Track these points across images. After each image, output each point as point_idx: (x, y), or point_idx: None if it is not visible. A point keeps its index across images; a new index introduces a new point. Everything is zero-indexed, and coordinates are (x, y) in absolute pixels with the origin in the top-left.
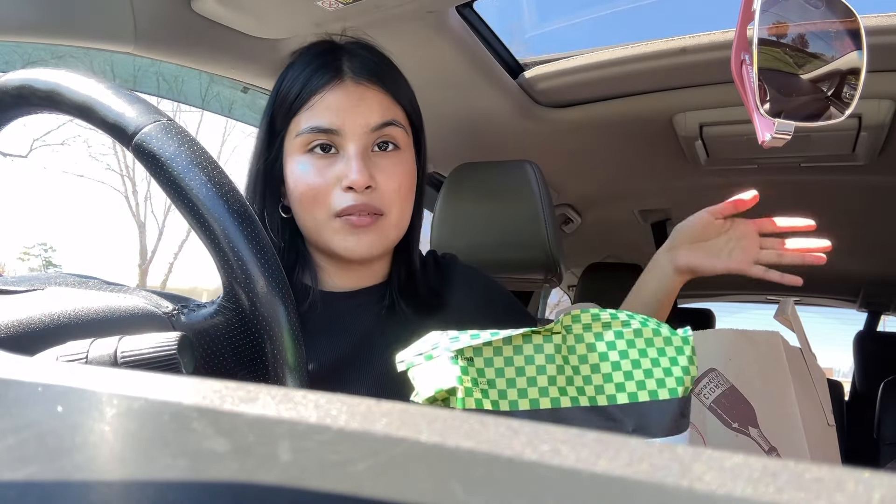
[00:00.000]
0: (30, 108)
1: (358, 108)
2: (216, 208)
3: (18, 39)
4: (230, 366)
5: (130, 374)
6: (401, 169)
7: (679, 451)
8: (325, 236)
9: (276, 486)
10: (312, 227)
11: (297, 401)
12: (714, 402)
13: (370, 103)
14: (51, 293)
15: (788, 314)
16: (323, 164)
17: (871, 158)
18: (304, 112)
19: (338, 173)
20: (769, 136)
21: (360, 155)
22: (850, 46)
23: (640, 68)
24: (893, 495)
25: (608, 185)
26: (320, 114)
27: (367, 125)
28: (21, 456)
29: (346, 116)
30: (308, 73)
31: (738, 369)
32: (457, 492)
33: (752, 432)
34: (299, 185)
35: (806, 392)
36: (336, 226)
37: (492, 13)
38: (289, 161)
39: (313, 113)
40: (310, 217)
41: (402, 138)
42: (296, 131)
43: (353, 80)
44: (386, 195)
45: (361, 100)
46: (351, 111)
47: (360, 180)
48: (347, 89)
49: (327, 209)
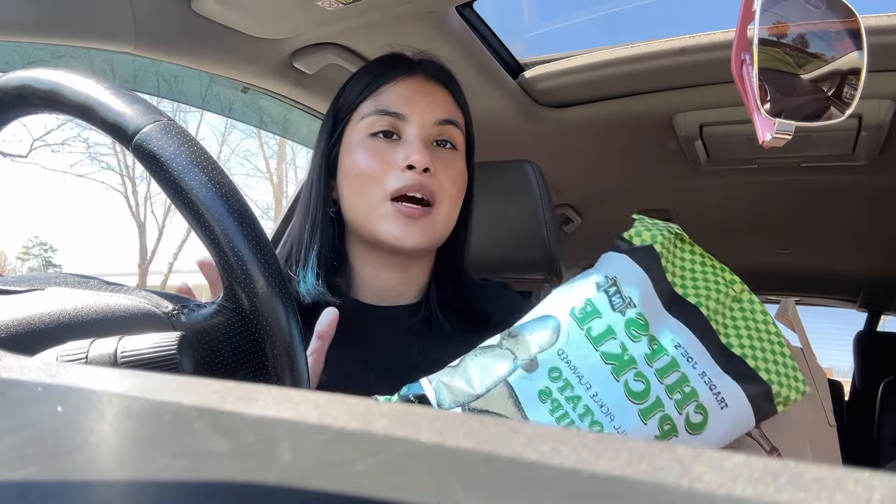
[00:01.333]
0: (30, 108)
1: (426, 99)
2: (216, 208)
3: (18, 39)
4: (230, 366)
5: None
6: (456, 166)
7: (679, 451)
8: (373, 220)
9: (276, 486)
10: (362, 211)
11: (297, 401)
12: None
13: (437, 98)
14: (51, 293)
15: (789, 314)
16: (384, 146)
17: (871, 158)
18: (373, 98)
19: (397, 157)
20: (769, 135)
21: (423, 140)
22: (851, 46)
23: (640, 68)
24: (893, 495)
25: (608, 185)
26: (389, 99)
27: (432, 117)
28: (21, 456)
29: (413, 105)
30: (379, 68)
31: None
32: (457, 492)
33: (754, 432)
34: (357, 165)
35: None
36: (387, 209)
37: (492, 13)
38: (349, 146)
39: (382, 98)
40: (361, 200)
41: (459, 140)
42: (360, 116)
43: (423, 75)
44: (442, 184)
45: (430, 94)
46: (419, 101)
47: (422, 159)
48: (418, 82)
49: (382, 190)
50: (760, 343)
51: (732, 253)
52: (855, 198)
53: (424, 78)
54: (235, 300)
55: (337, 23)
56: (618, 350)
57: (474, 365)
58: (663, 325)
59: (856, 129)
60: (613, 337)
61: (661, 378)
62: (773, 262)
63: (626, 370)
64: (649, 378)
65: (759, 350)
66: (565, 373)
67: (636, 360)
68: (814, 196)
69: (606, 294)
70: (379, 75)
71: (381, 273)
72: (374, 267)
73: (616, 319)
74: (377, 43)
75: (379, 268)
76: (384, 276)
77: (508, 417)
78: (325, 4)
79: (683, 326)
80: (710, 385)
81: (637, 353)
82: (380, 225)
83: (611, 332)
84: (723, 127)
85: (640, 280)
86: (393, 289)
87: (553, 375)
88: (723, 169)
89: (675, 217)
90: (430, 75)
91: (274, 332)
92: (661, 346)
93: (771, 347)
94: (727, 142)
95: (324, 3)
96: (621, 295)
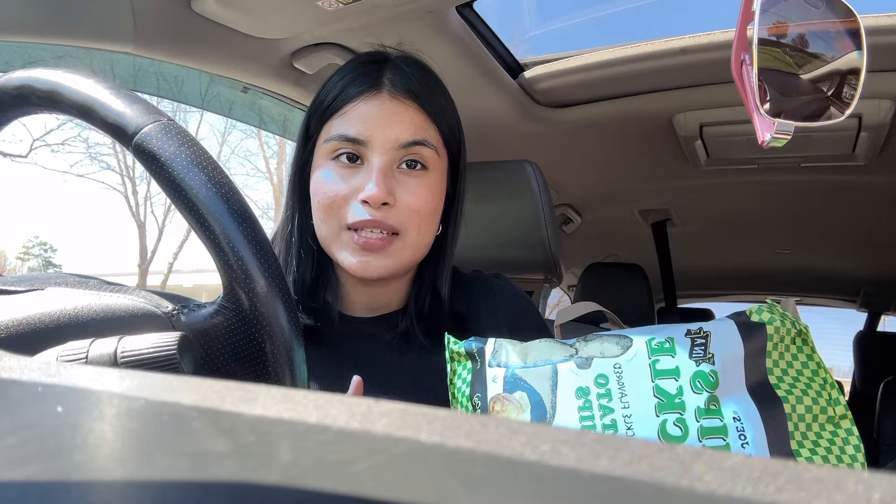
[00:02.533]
0: (30, 108)
1: (389, 121)
2: (216, 208)
3: (18, 39)
4: (230, 366)
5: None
6: (425, 190)
7: (679, 451)
8: (334, 249)
9: (276, 486)
10: (324, 238)
11: (297, 401)
12: None
13: (403, 118)
14: (51, 293)
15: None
16: (346, 173)
17: (871, 158)
18: (337, 119)
19: (358, 185)
20: (769, 135)
21: (382, 169)
22: (850, 46)
23: (640, 68)
24: (893, 495)
25: (608, 185)
26: (351, 122)
27: (396, 140)
28: (21, 456)
29: (375, 128)
30: (347, 81)
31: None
32: (457, 492)
33: None
34: (319, 191)
35: None
36: (345, 239)
37: (492, 13)
38: (315, 167)
39: (344, 120)
40: (324, 226)
41: (431, 159)
42: (325, 137)
43: (390, 93)
44: (404, 214)
45: (394, 114)
46: (381, 124)
47: (377, 195)
48: (383, 101)
49: (339, 220)
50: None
51: (732, 253)
52: (855, 198)
53: (391, 96)
54: (235, 300)
55: (337, 23)
56: (673, 391)
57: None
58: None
59: (856, 129)
60: (675, 378)
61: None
62: (773, 262)
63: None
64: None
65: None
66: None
67: (686, 407)
68: (814, 196)
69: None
70: (343, 91)
71: (363, 287)
72: (354, 282)
73: (687, 365)
74: (377, 43)
75: (357, 283)
76: (366, 289)
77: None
78: (325, 4)
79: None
80: None
81: (690, 402)
82: (340, 254)
83: (675, 373)
84: (723, 127)
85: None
86: (377, 300)
87: (599, 381)
88: (723, 169)
89: (675, 217)
90: (400, 90)
91: (274, 332)
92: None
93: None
94: (727, 142)
95: (324, 3)
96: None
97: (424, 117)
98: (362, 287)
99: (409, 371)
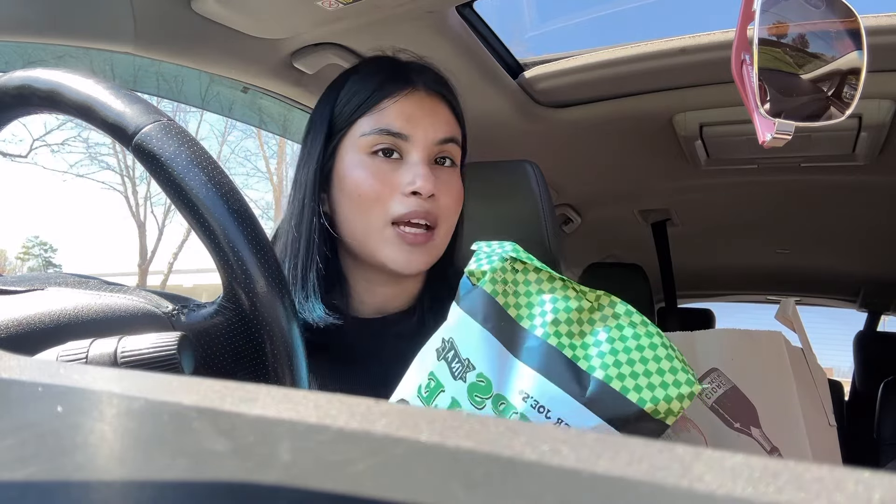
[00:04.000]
0: (30, 108)
1: (429, 118)
2: (216, 208)
3: (18, 39)
4: (230, 366)
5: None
6: (455, 187)
7: (679, 451)
8: (373, 244)
9: (276, 486)
10: (362, 233)
11: (297, 401)
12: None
13: (440, 116)
14: (51, 293)
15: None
16: (387, 167)
17: (871, 158)
18: (373, 114)
19: (400, 179)
20: (769, 136)
21: (425, 162)
22: (851, 46)
23: (640, 68)
24: (893, 495)
25: (608, 185)
26: (392, 118)
27: (434, 137)
28: (21, 456)
29: (417, 124)
30: (379, 79)
31: (740, 369)
32: (457, 492)
33: (755, 432)
34: (360, 185)
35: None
36: (388, 235)
37: (492, 13)
38: (346, 163)
39: (384, 116)
40: (362, 221)
41: (457, 156)
42: (360, 132)
43: (425, 90)
44: (443, 207)
45: (433, 112)
46: (422, 120)
47: (427, 186)
48: (421, 99)
49: (384, 214)
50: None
51: (732, 253)
52: (855, 198)
53: (427, 93)
54: (235, 300)
55: (337, 23)
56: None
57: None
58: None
59: (856, 129)
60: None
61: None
62: (773, 262)
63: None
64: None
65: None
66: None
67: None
68: (814, 196)
69: (446, 361)
70: (379, 89)
71: (377, 288)
72: (369, 282)
73: (459, 389)
74: (377, 43)
75: (373, 283)
76: (380, 290)
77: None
78: (325, 4)
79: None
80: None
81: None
82: (381, 249)
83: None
84: (723, 127)
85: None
86: (388, 301)
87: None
88: (723, 169)
89: (675, 217)
90: (432, 90)
91: (274, 332)
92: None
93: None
94: (727, 142)
95: (324, 3)
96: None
97: (453, 116)
98: (378, 287)
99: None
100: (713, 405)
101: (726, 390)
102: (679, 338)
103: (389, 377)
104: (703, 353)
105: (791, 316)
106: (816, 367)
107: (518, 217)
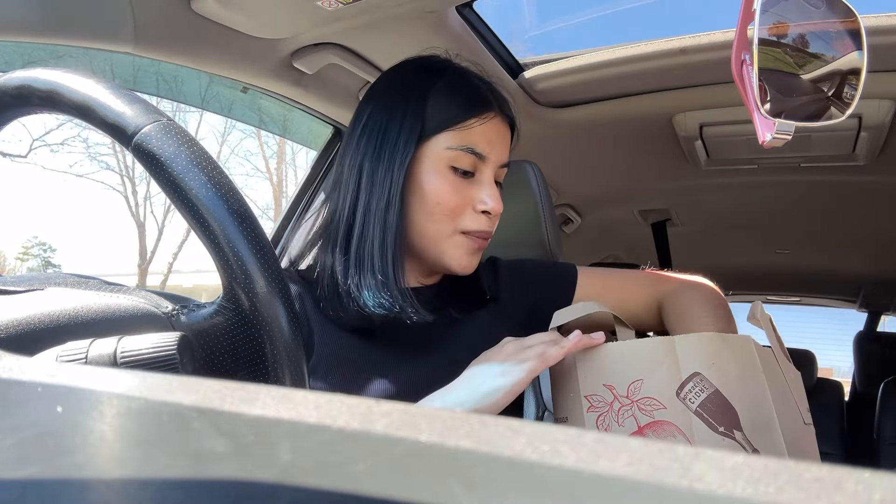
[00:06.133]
0: (30, 108)
1: (502, 143)
2: (216, 208)
3: (18, 39)
4: (230, 366)
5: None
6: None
7: (679, 451)
8: (442, 247)
9: (276, 486)
10: (432, 236)
11: (297, 401)
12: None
13: (506, 142)
14: (51, 293)
15: (758, 316)
16: (463, 183)
17: (871, 158)
18: (461, 130)
19: (472, 195)
20: (770, 136)
21: (493, 182)
22: (851, 46)
23: (640, 68)
24: (893, 495)
25: (608, 185)
26: (477, 138)
27: (501, 160)
28: (21, 456)
29: (494, 148)
30: (467, 96)
31: (719, 373)
32: (457, 492)
33: (737, 435)
34: (439, 196)
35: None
36: (458, 241)
37: (492, 13)
38: (424, 169)
39: (471, 135)
40: (434, 226)
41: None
42: (445, 145)
43: (501, 116)
44: (495, 220)
45: (505, 137)
46: (497, 144)
47: (499, 207)
48: (498, 124)
49: (455, 224)
50: None
51: (732, 253)
52: (855, 198)
53: (502, 120)
54: (235, 300)
55: (337, 23)
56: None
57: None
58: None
59: (856, 129)
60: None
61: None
62: (773, 262)
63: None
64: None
65: None
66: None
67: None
68: (814, 196)
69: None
70: (469, 107)
71: (412, 276)
72: (408, 272)
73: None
74: (377, 43)
75: (413, 273)
76: (414, 279)
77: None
78: (325, 4)
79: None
80: None
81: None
82: (449, 252)
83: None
84: (723, 127)
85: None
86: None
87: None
88: (723, 169)
89: (675, 217)
90: (507, 116)
91: (274, 333)
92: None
93: None
94: (727, 142)
95: (324, 3)
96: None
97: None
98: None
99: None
100: (697, 410)
101: (709, 394)
102: (660, 342)
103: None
104: (685, 358)
105: (760, 317)
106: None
107: (518, 217)
